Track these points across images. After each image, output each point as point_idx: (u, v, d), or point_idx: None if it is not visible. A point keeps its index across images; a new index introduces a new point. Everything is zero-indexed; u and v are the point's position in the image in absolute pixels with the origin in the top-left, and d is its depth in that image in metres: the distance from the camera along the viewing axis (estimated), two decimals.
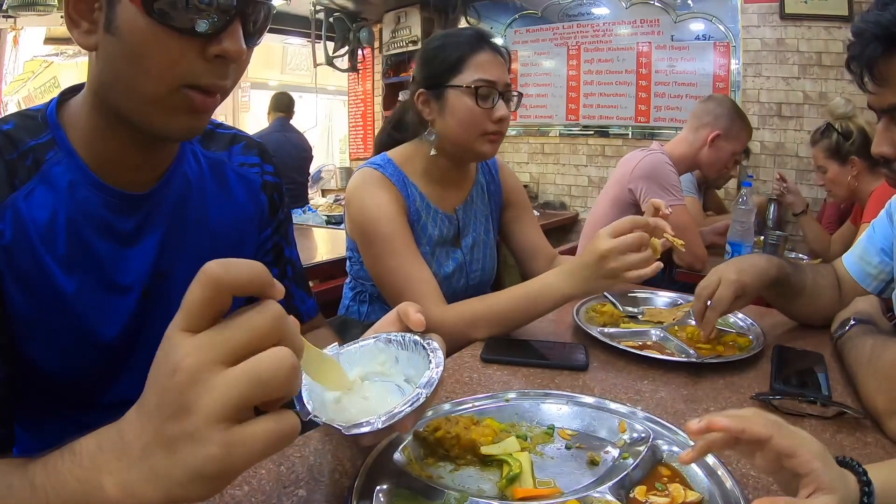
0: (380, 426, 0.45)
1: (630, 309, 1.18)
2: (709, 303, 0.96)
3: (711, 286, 0.95)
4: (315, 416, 0.47)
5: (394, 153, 1.22)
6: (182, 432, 0.33)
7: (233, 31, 0.57)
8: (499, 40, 4.03)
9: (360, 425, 0.46)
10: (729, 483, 0.54)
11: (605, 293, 1.22)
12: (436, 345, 0.55)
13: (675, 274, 1.95)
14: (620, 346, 0.94)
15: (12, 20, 3.75)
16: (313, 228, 3.04)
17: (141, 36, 0.55)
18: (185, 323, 0.34)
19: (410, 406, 0.47)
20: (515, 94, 1.17)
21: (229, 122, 0.74)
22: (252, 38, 0.61)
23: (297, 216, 3.43)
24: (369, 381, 0.57)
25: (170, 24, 0.54)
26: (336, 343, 0.58)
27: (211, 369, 0.33)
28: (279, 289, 0.37)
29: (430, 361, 0.52)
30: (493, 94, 1.12)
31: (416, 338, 0.57)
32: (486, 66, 1.12)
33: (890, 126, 0.77)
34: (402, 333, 0.59)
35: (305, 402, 0.48)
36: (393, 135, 1.30)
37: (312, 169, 4.15)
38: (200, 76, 0.58)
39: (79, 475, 0.37)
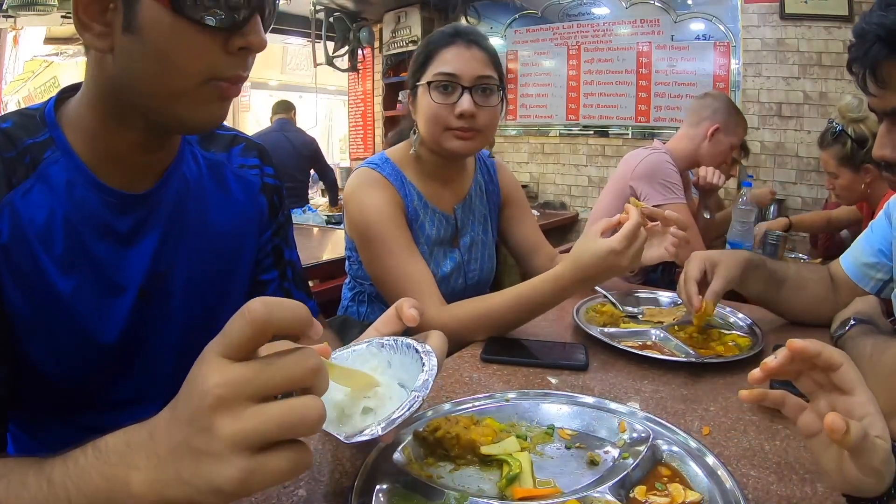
0: (380, 433, 0.45)
1: (630, 309, 1.18)
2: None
3: (684, 270, 1.02)
4: None
5: (392, 152, 1.22)
6: (206, 449, 0.35)
7: (255, 23, 0.59)
8: (497, 39, 4.04)
9: (360, 434, 0.45)
10: (729, 483, 0.54)
11: (606, 293, 1.22)
12: (429, 347, 0.54)
13: (676, 274, 1.95)
14: (620, 346, 0.94)
15: (12, 20, 3.76)
16: (313, 228, 3.04)
17: (166, 33, 0.55)
18: (225, 351, 0.36)
19: (408, 411, 0.47)
20: (493, 87, 1.11)
21: (229, 123, 0.74)
22: (265, 30, 0.62)
23: (297, 216, 3.44)
24: None
25: (194, 19, 0.55)
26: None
27: (242, 403, 0.35)
28: (318, 328, 0.39)
29: (423, 364, 0.52)
30: (454, 87, 1.09)
31: (410, 341, 0.56)
32: (449, 60, 1.10)
33: (892, 129, 0.76)
34: (396, 337, 0.58)
35: None
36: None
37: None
38: (225, 69, 0.59)
39: (104, 471, 0.38)
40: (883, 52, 0.70)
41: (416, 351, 0.54)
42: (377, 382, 0.51)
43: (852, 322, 0.91)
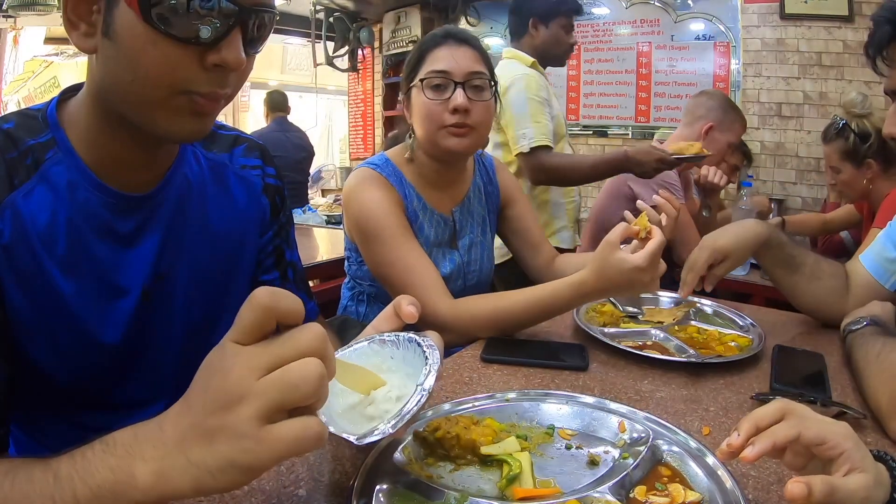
0: (390, 431, 0.46)
1: (630, 309, 1.18)
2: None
3: (694, 255, 1.06)
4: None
5: (392, 153, 1.22)
6: (222, 426, 0.37)
7: (232, 39, 0.57)
8: (497, 39, 4.03)
9: (371, 434, 0.46)
10: (729, 483, 0.54)
11: None
12: (431, 341, 0.55)
13: (676, 274, 1.95)
14: (620, 346, 0.94)
15: (12, 20, 3.76)
16: (313, 228, 3.04)
17: (138, 42, 0.54)
18: (238, 336, 0.39)
19: (416, 406, 0.47)
20: (485, 82, 1.12)
21: (229, 123, 0.73)
22: (253, 46, 0.61)
23: (297, 216, 3.44)
24: None
25: (167, 30, 0.54)
26: None
27: (256, 376, 0.38)
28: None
29: (427, 358, 0.52)
30: (447, 84, 1.10)
31: (411, 335, 0.57)
32: (441, 58, 1.11)
33: None
34: (397, 333, 0.58)
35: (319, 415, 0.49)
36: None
37: (312, 169, 4.14)
38: (199, 84, 0.57)
39: (111, 463, 0.39)
40: (888, 34, 0.79)
41: (419, 345, 0.54)
42: (383, 382, 0.52)
43: (866, 322, 0.91)
